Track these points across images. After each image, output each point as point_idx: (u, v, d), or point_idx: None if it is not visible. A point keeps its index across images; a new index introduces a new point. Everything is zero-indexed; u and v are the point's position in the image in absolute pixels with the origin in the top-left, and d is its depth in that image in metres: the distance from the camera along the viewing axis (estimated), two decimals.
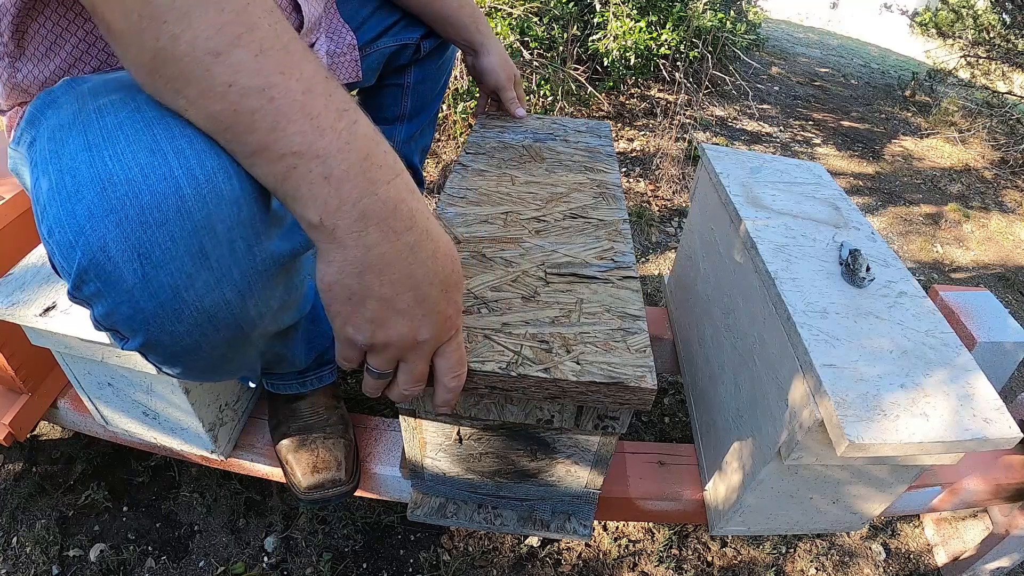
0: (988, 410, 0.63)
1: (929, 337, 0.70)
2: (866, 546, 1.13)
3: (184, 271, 0.42)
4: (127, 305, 0.42)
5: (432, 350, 0.48)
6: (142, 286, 0.41)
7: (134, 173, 0.40)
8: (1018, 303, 1.92)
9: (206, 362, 0.50)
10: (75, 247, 0.40)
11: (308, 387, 0.85)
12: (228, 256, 0.43)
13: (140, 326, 0.44)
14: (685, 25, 2.47)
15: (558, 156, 0.90)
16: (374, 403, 1.22)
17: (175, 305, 0.43)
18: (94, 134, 0.41)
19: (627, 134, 2.49)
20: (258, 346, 0.54)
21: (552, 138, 0.95)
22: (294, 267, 0.52)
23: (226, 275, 0.44)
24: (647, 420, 1.30)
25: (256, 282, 0.46)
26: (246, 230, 0.44)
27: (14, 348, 0.82)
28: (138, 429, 0.84)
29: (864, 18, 5.70)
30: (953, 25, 3.36)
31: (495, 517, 0.79)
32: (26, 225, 0.83)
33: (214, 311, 0.45)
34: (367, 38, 0.88)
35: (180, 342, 0.45)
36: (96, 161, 0.40)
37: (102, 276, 0.41)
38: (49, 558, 0.96)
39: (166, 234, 0.40)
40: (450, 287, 0.46)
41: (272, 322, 0.53)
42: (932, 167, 2.74)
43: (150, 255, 0.40)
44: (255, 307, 0.48)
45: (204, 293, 0.43)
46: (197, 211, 0.41)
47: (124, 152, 0.40)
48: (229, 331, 0.47)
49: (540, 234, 0.72)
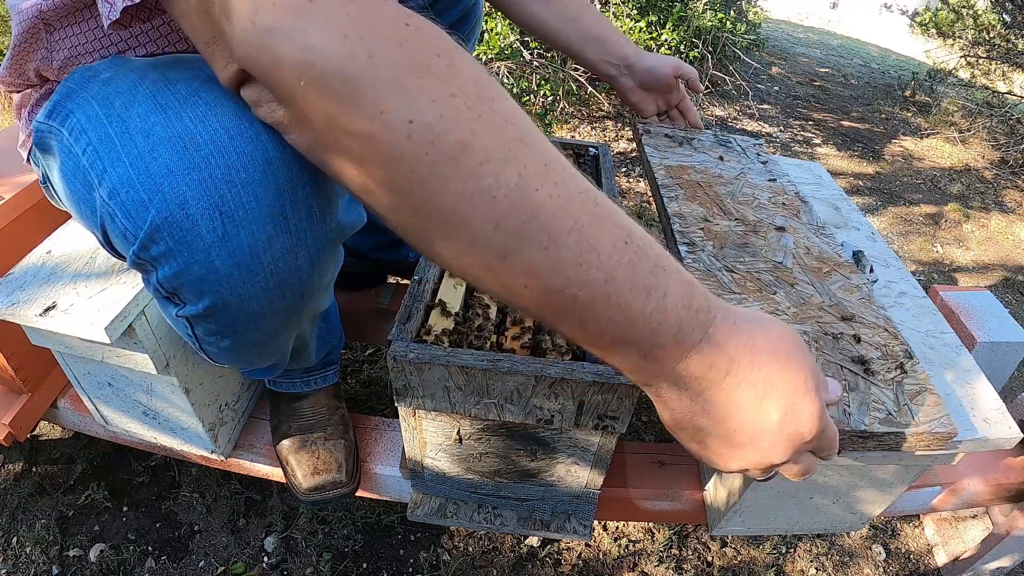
0: (988, 410, 0.63)
1: (929, 337, 0.70)
2: (866, 546, 1.13)
3: (265, 232, 0.42)
4: (200, 265, 0.42)
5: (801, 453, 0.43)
6: (220, 244, 0.42)
7: (219, 134, 0.40)
8: (1018, 303, 1.92)
9: (260, 335, 0.50)
10: (149, 205, 0.40)
11: (312, 386, 0.85)
12: (305, 220, 0.44)
13: (210, 287, 0.44)
14: (685, 25, 2.47)
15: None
16: (374, 403, 1.23)
17: (251, 266, 0.43)
18: (167, 98, 0.42)
19: (627, 134, 2.49)
20: (301, 325, 0.55)
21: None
22: (339, 246, 0.53)
23: (302, 239, 0.45)
24: (647, 420, 1.30)
25: (324, 250, 0.48)
26: (322, 198, 0.45)
27: (14, 348, 0.82)
28: (138, 429, 0.84)
29: (864, 18, 5.70)
30: (953, 25, 3.36)
31: (495, 517, 0.79)
32: (26, 225, 0.83)
33: (286, 275, 0.46)
34: None
35: (246, 307, 0.46)
36: (174, 122, 0.41)
37: (177, 234, 0.41)
38: (49, 558, 0.96)
39: (251, 194, 0.41)
40: (798, 390, 0.40)
41: (320, 299, 0.54)
42: (932, 167, 2.74)
43: (232, 214, 0.41)
44: (319, 276, 0.49)
45: (280, 256, 0.44)
46: (283, 174, 0.42)
47: (207, 115, 0.41)
48: (294, 298, 0.48)
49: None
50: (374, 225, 1.21)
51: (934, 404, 0.57)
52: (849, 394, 0.57)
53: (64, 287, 0.65)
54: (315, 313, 0.58)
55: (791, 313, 0.65)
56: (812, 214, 0.83)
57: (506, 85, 2.04)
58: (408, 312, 0.64)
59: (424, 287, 0.68)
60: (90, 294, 0.64)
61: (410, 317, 0.63)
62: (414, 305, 0.65)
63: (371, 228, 1.06)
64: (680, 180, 0.86)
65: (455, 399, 0.62)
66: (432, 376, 0.60)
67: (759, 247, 0.75)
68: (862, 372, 0.60)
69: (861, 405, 0.56)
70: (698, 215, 0.79)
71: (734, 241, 0.75)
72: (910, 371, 0.60)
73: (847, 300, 0.68)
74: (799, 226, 0.80)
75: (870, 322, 0.66)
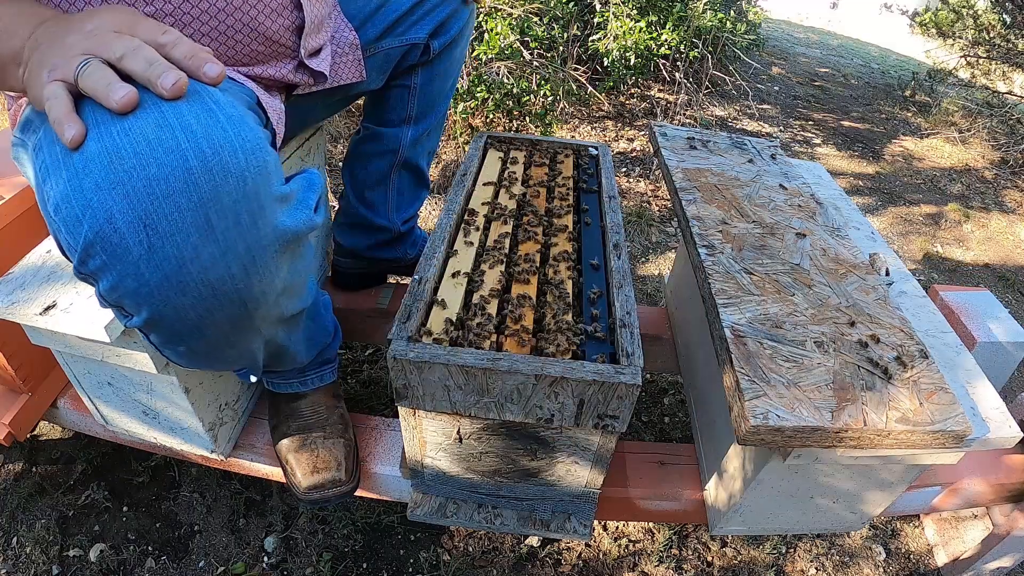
0: (988, 410, 0.63)
1: (929, 337, 0.70)
2: (866, 546, 1.13)
3: (190, 242, 0.42)
4: (132, 278, 0.43)
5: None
6: (147, 257, 0.42)
7: (141, 146, 0.41)
8: (1018, 303, 1.92)
9: (209, 343, 0.50)
10: (82, 221, 0.41)
11: (309, 386, 0.85)
12: (233, 229, 0.44)
13: (145, 299, 0.44)
14: (685, 25, 2.47)
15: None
16: (374, 403, 1.23)
17: (180, 277, 0.43)
18: (101, 113, 0.42)
19: (627, 134, 2.49)
20: (261, 332, 0.55)
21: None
22: (299, 250, 0.52)
23: (231, 248, 0.44)
24: (647, 420, 1.30)
25: (261, 257, 0.47)
26: (251, 203, 0.45)
27: (14, 348, 0.82)
28: (138, 429, 0.84)
29: (864, 18, 5.70)
30: (953, 25, 3.36)
31: (495, 517, 0.79)
32: (26, 225, 0.83)
33: (219, 284, 0.45)
34: (372, 35, 0.87)
35: (184, 318, 0.46)
36: (104, 136, 0.41)
37: (108, 248, 0.42)
38: (49, 558, 0.95)
39: (172, 206, 0.41)
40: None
41: (275, 305, 0.53)
42: (932, 167, 2.74)
43: (156, 226, 0.41)
44: (259, 283, 0.48)
45: (209, 265, 0.44)
46: (204, 183, 0.42)
47: (132, 127, 0.41)
48: (233, 307, 0.47)
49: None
50: (371, 226, 1.21)
51: (949, 403, 0.58)
52: (866, 393, 0.58)
53: (64, 286, 0.65)
54: (277, 319, 0.56)
55: (809, 314, 0.66)
56: (828, 215, 0.84)
57: (506, 85, 2.04)
58: (408, 311, 0.64)
59: (424, 286, 0.68)
60: (90, 293, 0.64)
61: (410, 316, 0.63)
62: (414, 305, 0.65)
63: (367, 228, 1.07)
64: (698, 183, 0.87)
65: (455, 398, 0.62)
66: (432, 375, 0.60)
67: (777, 249, 0.76)
68: (879, 372, 0.60)
69: (879, 405, 0.57)
70: (716, 218, 0.80)
71: (752, 243, 0.76)
72: (926, 371, 0.61)
73: (863, 301, 0.69)
74: (815, 228, 0.81)
75: (886, 323, 0.66)
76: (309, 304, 0.66)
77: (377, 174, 1.03)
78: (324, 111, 0.95)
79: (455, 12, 0.94)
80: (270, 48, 0.68)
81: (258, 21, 0.64)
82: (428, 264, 0.71)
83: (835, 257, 0.76)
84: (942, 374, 0.61)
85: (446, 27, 0.94)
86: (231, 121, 0.44)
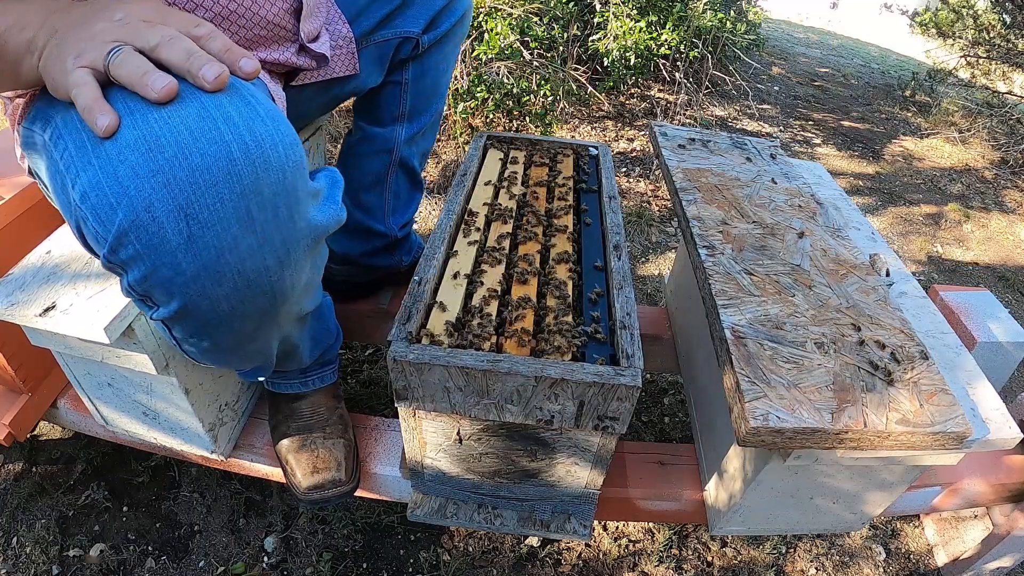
0: (988, 411, 0.63)
1: (929, 337, 0.70)
2: (866, 546, 1.13)
3: (230, 233, 0.43)
4: (168, 267, 0.43)
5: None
6: (186, 247, 0.42)
7: (183, 136, 0.40)
8: (1018, 303, 1.92)
9: (236, 336, 0.50)
10: (116, 208, 0.41)
11: (310, 386, 0.85)
12: (272, 221, 0.45)
13: (179, 289, 0.44)
14: (685, 25, 2.47)
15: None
16: (374, 403, 1.23)
17: (218, 267, 0.43)
18: (135, 102, 0.42)
19: (627, 134, 2.49)
20: (282, 327, 0.55)
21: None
22: (320, 247, 0.53)
23: (269, 240, 0.45)
24: (647, 420, 1.30)
25: (294, 250, 0.48)
26: (290, 197, 0.45)
27: (14, 348, 0.82)
28: (138, 429, 0.84)
29: (864, 18, 5.70)
30: (953, 25, 3.36)
31: (495, 517, 0.79)
32: (26, 225, 0.83)
33: (254, 276, 0.46)
34: (367, 27, 0.87)
35: (216, 308, 0.46)
36: (140, 124, 0.41)
37: (143, 237, 0.41)
38: (49, 558, 0.95)
39: (215, 195, 0.41)
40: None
41: (297, 302, 0.54)
42: (932, 167, 2.74)
43: (197, 216, 0.41)
44: (290, 277, 0.49)
45: (247, 256, 0.44)
46: (246, 175, 0.42)
47: (171, 116, 0.41)
48: (264, 299, 0.48)
49: None
50: (368, 231, 1.21)
51: (949, 404, 0.58)
52: (867, 395, 0.58)
53: (64, 287, 0.65)
54: (296, 316, 0.58)
55: (809, 315, 0.66)
56: (828, 216, 0.84)
57: (506, 85, 2.04)
58: (408, 312, 0.64)
59: (424, 287, 0.68)
60: (90, 294, 0.64)
61: (410, 317, 0.63)
62: (414, 305, 0.65)
63: (363, 234, 1.06)
64: (698, 183, 0.87)
65: (455, 400, 0.62)
66: (432, 377, 0.60)
67: (777, 249, 0.76)
68: (880, 373, 0.60)
69: (879, 406, 0.57)
70: (717, 218, 0.80)
71: (752, 244, 0.76)
72: (926, 372, 0.61)
73: (864, 302, 0.69)
74: (815, 228, 0.81)
75: (887, 324, 0.66)
76: (318, 303, 0.67)
77: (373, 175, 1.01)
78: (317, 109, 0.95)
79: (448, 6, 0.93)
80: (271, 32, 0.68)
81: (258, 5, 0.64)
82: (428, 265, 0.71)
83: (835, 258, 0.76)
84: (942, 375, 0.61)
85: (439, 21, 0.93)
86: (270, 115, 0.45)
